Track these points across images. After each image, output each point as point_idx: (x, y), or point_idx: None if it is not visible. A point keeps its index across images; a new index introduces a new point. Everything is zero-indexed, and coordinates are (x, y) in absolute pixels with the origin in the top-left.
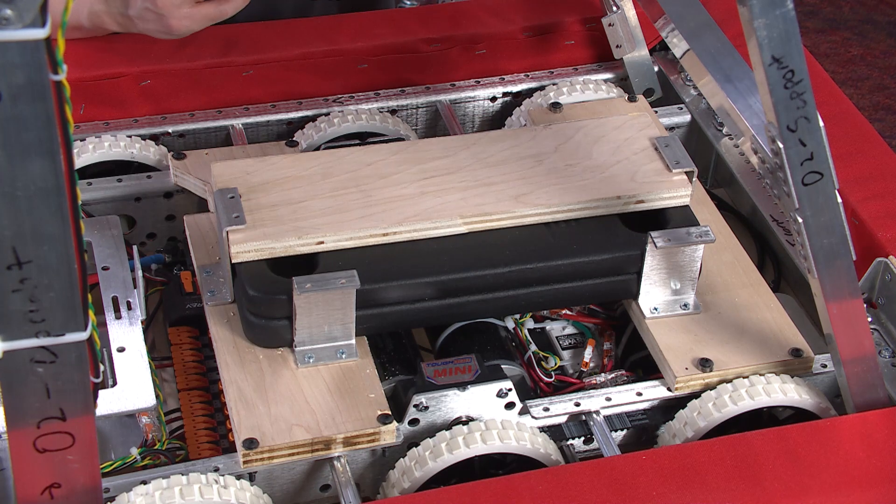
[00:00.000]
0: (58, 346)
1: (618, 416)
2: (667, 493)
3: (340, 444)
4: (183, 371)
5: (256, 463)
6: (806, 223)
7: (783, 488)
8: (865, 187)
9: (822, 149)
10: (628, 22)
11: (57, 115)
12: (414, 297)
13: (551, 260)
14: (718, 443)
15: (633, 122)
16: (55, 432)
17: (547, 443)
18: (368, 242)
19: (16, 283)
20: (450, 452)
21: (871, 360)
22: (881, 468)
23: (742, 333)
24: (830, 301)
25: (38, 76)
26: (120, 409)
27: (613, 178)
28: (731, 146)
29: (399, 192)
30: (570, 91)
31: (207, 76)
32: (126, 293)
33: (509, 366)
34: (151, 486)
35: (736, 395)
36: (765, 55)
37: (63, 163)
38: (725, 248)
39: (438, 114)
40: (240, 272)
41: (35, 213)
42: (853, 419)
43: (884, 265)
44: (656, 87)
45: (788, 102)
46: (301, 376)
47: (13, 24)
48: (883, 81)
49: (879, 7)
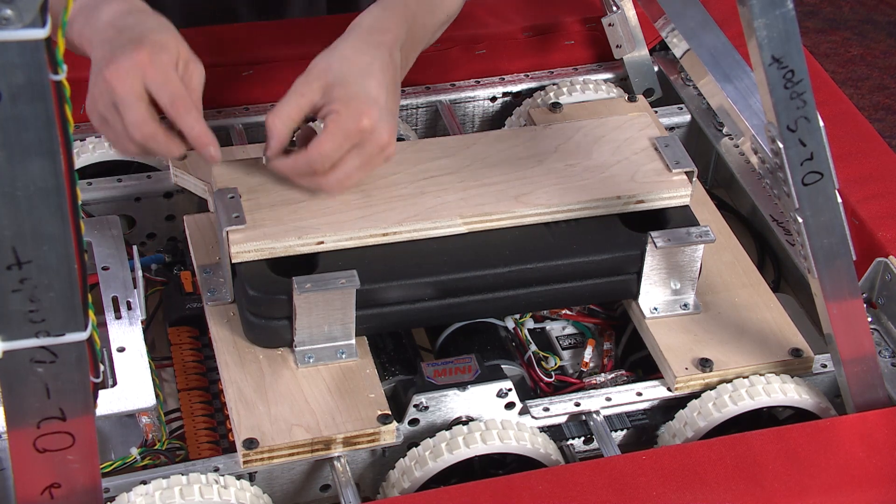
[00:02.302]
0: (58, 346)
1: (618, 416)
2: (667, 492)
3: (340, 444)
4: (183, 371)
5: (256, 463)
6: (806, 223)
7: (783, 488)
8: (865, 187)
9: (822, 149)
10: (628, 22)
11: (57, 115)
12: (414, 297)
13: (551, 260)
14: (718, 443)
15: (633, 122)
16: (55, 432)
17: (547, 443)
18: (368, 242)
19: (16, 283)
20: (450, 452)
21: (871, 360)
22: (881, 468)
23: (742, 333)
24: (830, 301)
25: (38, 76)
26: (120, 409)
27: (613, 178)
28: (731, 146)
29: (399, 192)
30: (570, 91)
31: (207, 76)
32: (126, 293)
33: (509, 366)
34: (152, 486)
35: (736, 395)
36: (765, 55)
37: (63, 163)
38: (725, 248)
39: (438, 114)
40: (240, 272)
41: (35, 213)
42: (853, 419)
43: (884, 265)
44: (656, 87)
45: (788, 102)
46: (301, 376)
47: (13, 24)
48: (883, 81)
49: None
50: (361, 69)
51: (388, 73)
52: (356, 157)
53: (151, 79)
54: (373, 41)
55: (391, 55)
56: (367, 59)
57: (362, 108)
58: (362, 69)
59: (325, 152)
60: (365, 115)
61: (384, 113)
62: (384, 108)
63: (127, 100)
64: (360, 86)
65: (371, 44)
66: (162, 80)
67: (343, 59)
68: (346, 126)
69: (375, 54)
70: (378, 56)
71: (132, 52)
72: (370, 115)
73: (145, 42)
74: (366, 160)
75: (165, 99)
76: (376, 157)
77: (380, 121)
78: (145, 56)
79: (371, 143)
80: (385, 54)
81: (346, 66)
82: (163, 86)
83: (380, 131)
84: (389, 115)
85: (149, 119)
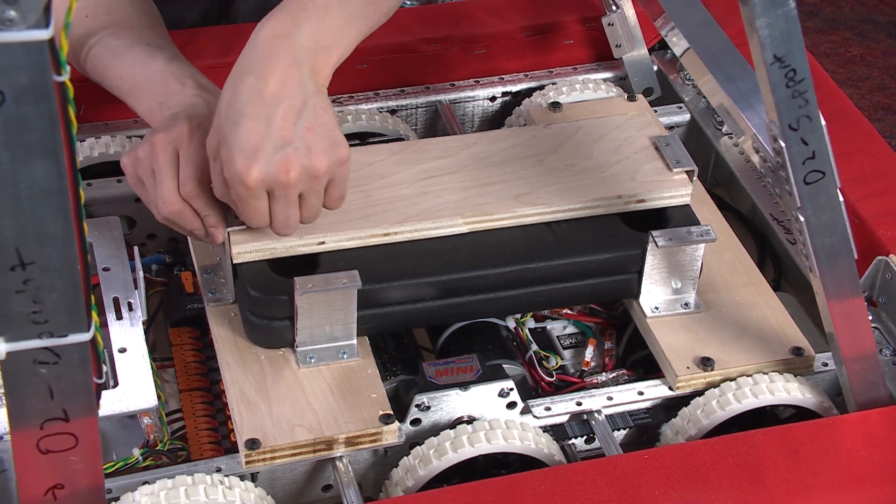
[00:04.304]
0: (61, 348)
1: (620, 416)
2: (669, 491)
3: (342, 444)
4: (184, 372)
5: (258, 463)
6: (808, 222)
7: (785, 487)
8: (866, 186)
9: (824, 147)
10: (628, 21)
11: (60, 116)
12: (415, 297)
13: (552, 259)
14: (720, 442)
15: (633, 122)
16: (58, 433)
17: (550, 443)
18: (369, 242)
19: (19, 284)
20: (454, 451)
21: (873, 359)
22: (883, 466)
23: (743, 332)
24: (832, 299)
25: (41, 77)
26: (121, 410)
27: (614, 178)
28: (731, 145)
29: (399, 192)
30: (569, 90)
31: (210, 75)
32: (127, 294)
33: (511, 365)
34: (157, 485)
35: (740, 393)
36: (766, 54)
37: (66, 163)
38: (726, 247)
39: (438, 114)
40: (241, 273)
41: (38, 214)
42: (855, 418)
43: (884, 263)
44: (656, 87)
45: (790, 101)
46: (303, 376)
47: (17, 26)
48: (883, 81)
49: (879, 7)
50: (235, 115)
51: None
52: (277, 204)
53: (182, 153)
54: (251, 65)
55: (285, 65)
56: (241, 96)
57: (238, 166)
58: (237, 114)
59: (247, 217)
60: (244, 172)
61: (271, 155)
62: (269, 150)
63: (163, 170)
64: (232, 139)
65: (249, 71)
66: (188, 156)
67: (223, 100)
68: (238, 191)
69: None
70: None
71: (179, 124)
72: (249, 170)
73: (196, 118)
74: (288, 199)
75: (181, 177)
76: (300, 187)
77: (266, 166)
78: (185, 130)
79: (277, 187)
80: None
81: (224, 110)
82: (187, 162)
83: (273, 174)
84: (282, 150)
85: (177, 196)
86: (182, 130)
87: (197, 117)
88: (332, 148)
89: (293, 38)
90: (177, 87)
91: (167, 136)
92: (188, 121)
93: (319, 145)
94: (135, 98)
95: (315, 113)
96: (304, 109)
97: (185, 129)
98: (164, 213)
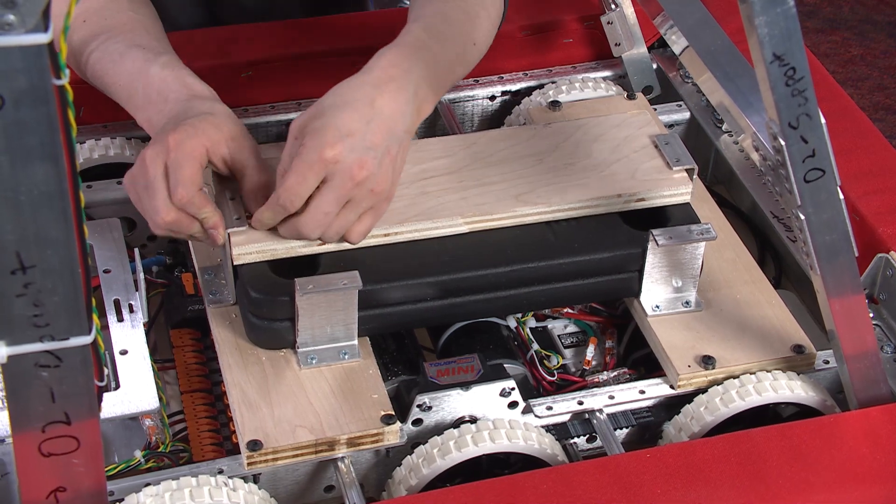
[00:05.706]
0: (62, 350)
1: (621, 414)
2: (671, 490)
3: (344, 444)
4: (185, 373)
5: (260, 464)
6: (808, 220)
7: (787, 484)
8: (866, 183)
9: (824, 145)
10: (627, 20)
11: (60, 120)
12: (416, 297)
13: (553, 259)
14: (722, 440)
15: (633, 120)
16: (60, 436)
17: (553, 443)
18: (370, 243)
19: (20, 287)
20: (458, 450)
21: (874, 356)
22: (885, 464)
23: (744, 330)
24: (832, 297)
25: (40, 81)
26: (123, 412)
27: (614, 177)
28: (730, 143)
29: (399, 192)
30: (568, 89)
31: (207, 77)
32: (128, 296)
33: (512, 365)
34: (161, 486)
35: (743, 391)
36: (766, 52)
37: (66, 166)
38: (726, 245)
39: (438, 113)
40: (242, 274)
41: (38, 217)
42: (856, 415)
43: (885, 261)
44: (655, 85)
45: (790, 99)
46: (304, 377)
47: (16, 30)
48: (883, 81)
49: (879, 7)
50: (342, 103)
51: (379, 109)
52: (328, 193)
53: (169, 162)
54: (371, 79)
55: (399, 92)
56: (354, 94)
57: (327, 138)
58: (344, 102)
59: (290, 185)
60: (328, 145)
61: (357, 146)
62: (358, 141)
63: (154, 184)
64: (332, 117)
65: (368, 82)
66: (174, 164)
67: (332, 93)
68: (308, 157)
69: (369, 91)
70: (372, 93)
71: (166, 136)
72: (334, 145)
73: (180, 126)
74: (340, 195)
75: (171, 185)
76: (355, 191)
77: (349, 152)
78: (171, 139)
79: (342, 176)
80: (388, 91)
81: (330, 99)
82: (174, 169)
83: (348, 163)
84: (366, 149)
85: (170, 205)
86: (168, 140)
87: (184, 124)
88: (392, 184)
89: (411, 73)
90: (170, 96)
91: (154, 149)
92: (174, 130)
93: (389, 172)
94: (132, 107)
95: (401, 147)
96: (396, 136)
97: (171, 139)
98: (161, 225)
